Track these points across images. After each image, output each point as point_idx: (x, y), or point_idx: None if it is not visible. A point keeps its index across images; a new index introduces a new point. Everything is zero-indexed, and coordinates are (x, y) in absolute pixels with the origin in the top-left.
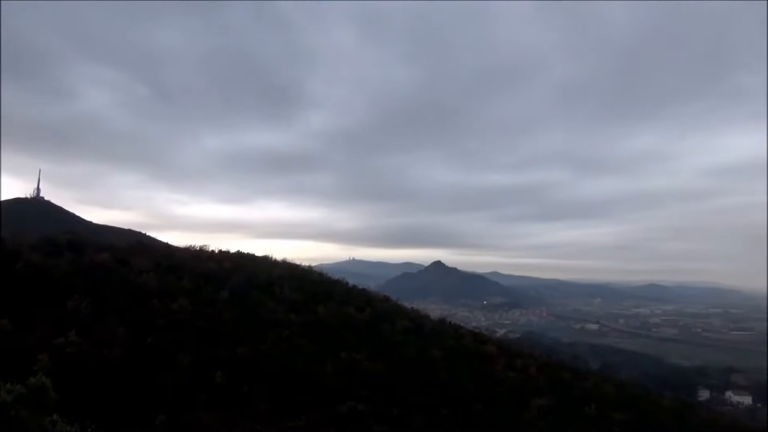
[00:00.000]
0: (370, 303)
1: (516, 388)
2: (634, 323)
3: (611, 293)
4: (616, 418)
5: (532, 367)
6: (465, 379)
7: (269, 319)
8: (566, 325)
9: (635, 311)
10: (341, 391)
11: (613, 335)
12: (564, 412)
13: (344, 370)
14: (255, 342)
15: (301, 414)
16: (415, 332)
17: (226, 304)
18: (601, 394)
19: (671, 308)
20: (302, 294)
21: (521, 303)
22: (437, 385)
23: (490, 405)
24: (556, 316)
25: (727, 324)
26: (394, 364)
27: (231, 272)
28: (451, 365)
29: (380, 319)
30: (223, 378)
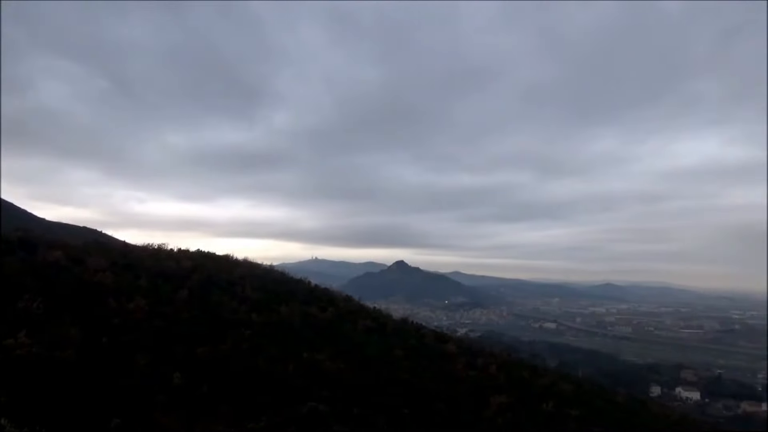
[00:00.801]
0: (333, 302)
1: (476, 387)
2: (591, 322)
3: (569, 292)
4: (572, 414)
5: (492, 366)
6: (427, 378)
7: (230, 319)
8: (526, 324)
9: (592, 310)
10: (303, 392)
11: (571, 334)
12: (522, 409)
13: (306, 370)
14: (215, 342)
15: (261, 415)
16: (377, 332)
17: (185, 303)
18: (558, 391)
19: (626, 307)
20: (264, 293)
21: (482, 302)
22: (399, 385)
23: (451, 403)
24: (516, 315)
25: (677, 322)
26: (356, 364)
27: (191, 271)
28: (413, 364)
29: (343, 319)
30: (181, 379)
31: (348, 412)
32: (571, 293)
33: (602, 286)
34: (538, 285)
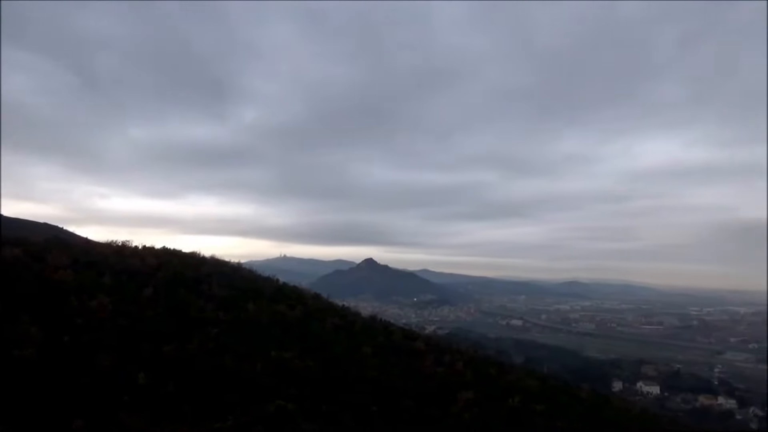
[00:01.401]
0: (301, 300)
1: (444, 383)
2: (556, 319)
3: (535, 290)
4: (537, 409)
5: (459, 363)
6: (395, 376)
7: (196, 317)
8: (493, 321)
9: (556, 307)
10: (270, 390)
11: (536, 330)
12: (489, 405)
13: (274, 368)
14: (181, 341)
15: (228, 414)
16: (345, 330)
17: (150, 301)
18: (524, 387)
19: (589, 304)
20: (231, 291)
21: (450, 300)
22: (367, 382)
23: (419, 400)
24: (483, 313)
25: (639, 319)
26: (325, 362)
27: (156, 269)
28: (382, 362)
29: (311, 317)
30: (146, 378)
31: (316, 410)
32: (537, 291)
33: (567, 284)
34: (505, 283)
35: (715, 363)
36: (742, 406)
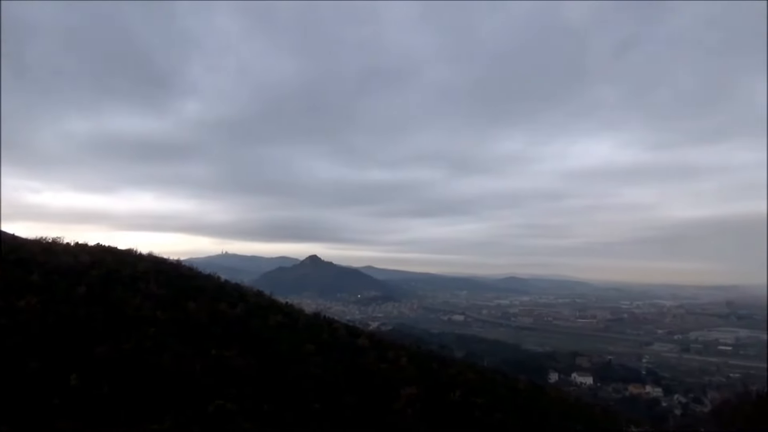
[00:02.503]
0: (243, 298)
1: (387, 379)
2: (496, 313)
3: (476, 286)
4: (478, 402)
5: (402, 358)
6: (338, 373)
7: (133, 317)
8: (435, 317)
9: (497, 302)
10: (210, 390)
11: (477, 325)
12: (431, 399)
13: (214, 367)
14: (117, 341)
15: (165, 415)
16: (288, 327)
17: (83, 300)
18: (465, 381)
19: (527, 299)
20: (170, 289)
21: (394, 296)
22: (310, 380)
23: (362, 396)
24: (426, 308)
25: (574, 313)
26: (267, 360)
27: (89, 266)
28: (325, 359)
29: (253, 315)
30: (78, 380)
31: (257, 408)
32: (479, 286)
33: (507, 280)
34: (448, 279)
35: (643, 354)
36: (668, 393)
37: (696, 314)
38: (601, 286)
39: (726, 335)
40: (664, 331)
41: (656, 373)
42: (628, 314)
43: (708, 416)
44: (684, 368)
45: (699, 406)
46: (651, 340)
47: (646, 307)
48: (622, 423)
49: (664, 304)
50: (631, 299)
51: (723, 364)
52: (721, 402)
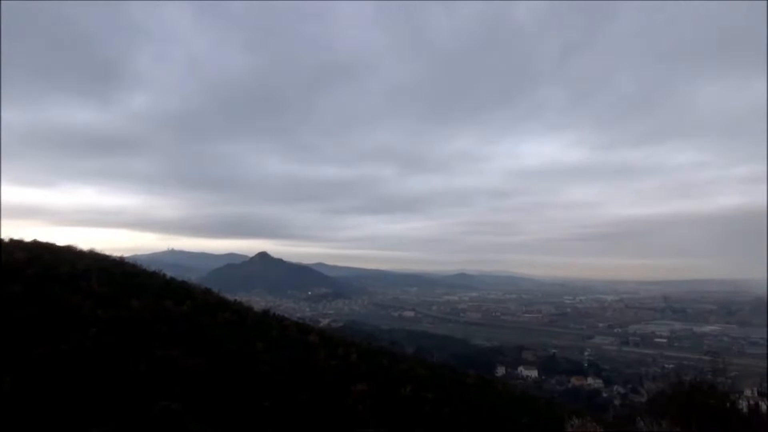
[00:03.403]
0: (190, 295)
1: (338, 376)
2: (446, 309)
3: (426, 282)
4: (428, 397)
5: (353, 355)
6: (288, 370)
7: (73, 316)
8: (386, 313)
9: (446, 298)
10: (156, 391)
11: (427, 321)
12: (382, 395)
13: (159, 367)
14: (55, 341)
15: (108, 418)
16: (237, 325)
17: (17, 300)
18: (415, 376)
19: (476, 295)
20: (113, 287)
21: (345, 293)
22: (259, 378)
23: (313, 393)
24: (376, 305)
25: (520, 308)
26: (215, 359)
27: (25, 264)
28: (275, 357)
29: (201, 313)
30: (12, 385)
31: (205, 408)
32: (429, 282)
33: (456, 276)
34: (398, 275)
35: (585, 347)
36: (608, 384)
37: (635, 308)
38: (547, 281)
39: (662, 328)
40: (604, 325)
41: (597, 365)
42: (572, 309)
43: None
44: (623, 360)
45: (636, 396)
46: (593, 334)
47: (588, 302)
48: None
49: (605, 299)
50: (575, 294)
51: (659, 356)
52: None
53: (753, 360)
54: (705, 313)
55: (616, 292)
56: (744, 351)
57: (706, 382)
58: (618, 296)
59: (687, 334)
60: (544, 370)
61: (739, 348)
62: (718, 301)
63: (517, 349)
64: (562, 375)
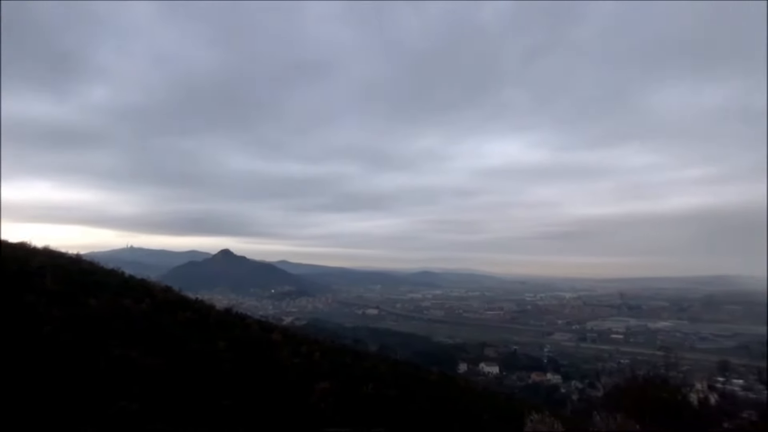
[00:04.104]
0: (150, 294)
1: (301, 374)
2: (409, 307)
3: (390, 280)
4: (390, 394)
5: (316, 353)
6: (251, 369)
7: (26, 315)
8: (350, 311)
9: (410, 296)
10: (113, 391)
11: (391, 319)
12: (345, 392)
13: (118, 367)
14: (6, 342)
15: (63, 420)
16: (199, 323)
17: None
18: (378, 374)
19: (440, 293)
20: (69, 285)
21: (309, 291)
22: (221, 377)
23: (275, 392)
24: (340, 303)
25: (482, 305)
26: (175, 358)
27: None
28: (237, 355)
29: (161, 311)
30: None
31: (164, 408)
32: (393, 280)
33: (420, 274)
34: (363, 273)
35: (545, 343)
36: (566, 380)
37: (592, 305)
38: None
39: (618, 324)
40: (563, 322)
41: (556, 361)
42: (532, 306)
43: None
44: (581, 356)
45: (593, 391)
46: (552, 330)
47: (548, 299)
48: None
49: (564, 296)
50: (535, 291)
51: (615, 351)
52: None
53: (703, 355)
54: (658, 310)
55: (574, 290)
56: (695, 346)
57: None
58: (576, 294)
59: (641, 330)
60: (506, 367)
61: (690, 343)
62: (670, 298)
63: (479, 346)
64: (522, 371)
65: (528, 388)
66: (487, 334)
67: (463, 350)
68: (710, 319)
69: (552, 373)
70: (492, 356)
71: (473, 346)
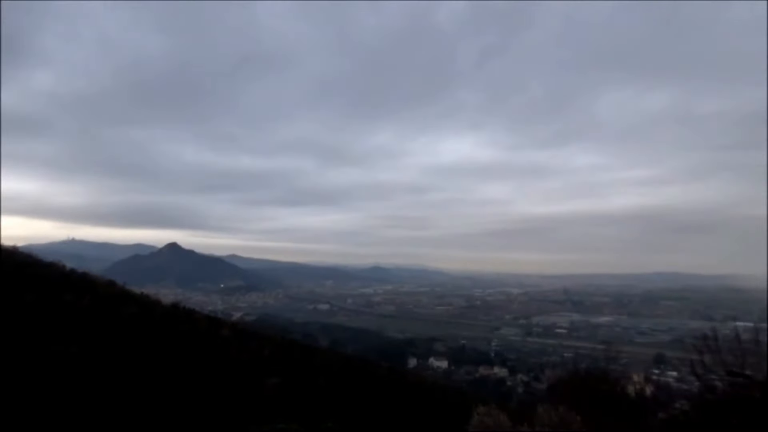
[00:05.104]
0: (92, 288)
1: (251, 369)
2: (360, 302)
3: (342, 275)
4: (340, 389)
5: (266, 349)
6: (199, 364)
7: None
8: (300, 306)
9: (361, 291)
10: (50, 390)
11: (342, 314)
12: (295, 388)
13: (56, 364)
14: None
15: None
16: (144, 319)
17: None
18: (329, 369)
19: (391, 288)
20: (4, 279)
21: (259, 286)
22: (168, 373)
23: (223, 388)
24: (291, 298)
25: (433, 300)
26: (118, 354)
27: None
28: (185, 351)
29: (103, 306)
30: None
31: (107, 407)
32: (345, 276)
33: (372, 269)
34: (314, 268)
35: (492, 338)
36: (512, 373)
37: (538, 301)
38: (458, 275)
39: (562, 319)
40: (511, 317)
41: (503, 355)
42: (481, 301)
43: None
44: (526, 350)
45: (538, 384)
46: (500, 325)
47: (496, 295)
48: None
49: (511, 292)
50: (484, 287)
51: (559, 345)
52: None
53: (641, 348)
54: (600, 305)
55: (522, 285)
56: (633, 340)
57: (600, 369)
58: (523, 289)
59: (584, 325)
60: (454, 361)
61: (629, 337)
62: (611, 293)
63: (428, 341)
64: (470, 365)
65: (476, 382)
66: (436, 329)
67: (413, 345)
68: (648, 314)
69: (499, 367)
70: (441, 351)
71: (423, 341)
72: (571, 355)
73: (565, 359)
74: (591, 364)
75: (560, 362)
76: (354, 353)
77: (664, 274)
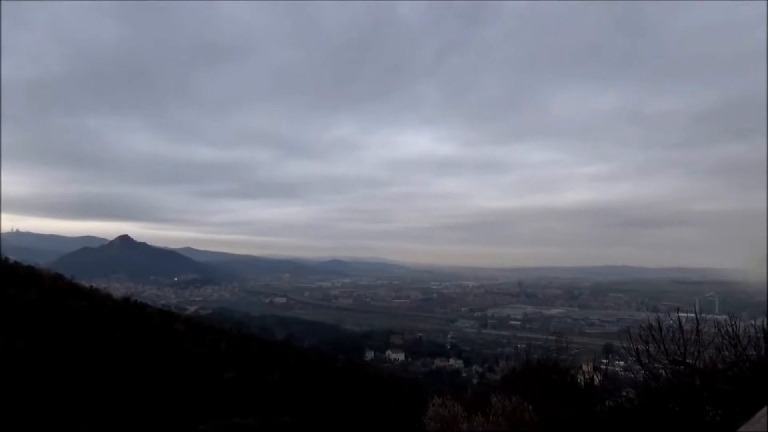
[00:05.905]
0: (38, 282)
1: (206, 364)
2: (318, 295)
3: (299, 268)
4: (297, 383)
5: (221, 343)
6: (152, 359)
7: None
8: (257, 300)
9: (319, 284)
10: None
11: (299, 307)
12: (251, 382)
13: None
14: None
15: None
16: (94, 313)
17: None
18: (285, 363)
19: (348, 281)
20: None
21: (214, 279)
22: (120, 369)
23: (178, 383)
24: (247, 291)
25: (390, 293)
26: (67, 350)
27: None
28: (137, 346)
29: (50, 301)
30: None
31: (57, 404)
32: (302, 269)
33: (329, 262)
34: (271, 261)
35: (448, 330)
36: (468, 365)
37: (493, 293)
38: (416, 268)
39: (516, 311)
40: (466, 309)
41: (459, 347)
42: (438, 294)
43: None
44: (481, 342)
45: (492, 375)
46: (455, 318)
47: (452, 288)
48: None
49: (467, 285)
50: (441, 280)
51: (512, 337)
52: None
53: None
54: (552, 298)
55: (477, 278)
56: (583, 331)
57: (551, 359)
58: (479, 282)
59: (537, 317)
60: (411, 353)
61: (579, 328)
62: (563, 286)
63: (385, 334)
64: (427, 357)
65: (432, 374)
66: (393, 322)
67: (370, 338)
68: (597, 305)
69: (455, 358)
70: (398, 343)
71: (380, 334)
72: (524, 346)
73: (518, 350)
74: (543, 354)
75: (514, 353)
76: (311, 347)
77: (613, 267)
